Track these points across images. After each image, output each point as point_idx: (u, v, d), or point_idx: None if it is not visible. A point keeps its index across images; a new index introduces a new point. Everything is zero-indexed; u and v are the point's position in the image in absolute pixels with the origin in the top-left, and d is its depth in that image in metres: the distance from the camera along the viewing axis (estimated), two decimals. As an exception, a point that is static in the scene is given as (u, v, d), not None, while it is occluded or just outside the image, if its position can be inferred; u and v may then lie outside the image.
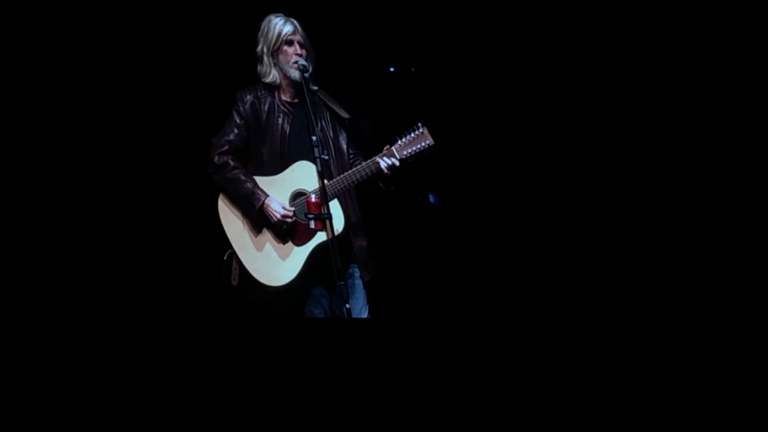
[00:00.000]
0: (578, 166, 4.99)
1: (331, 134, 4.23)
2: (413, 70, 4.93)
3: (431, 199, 5.07)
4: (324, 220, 3.94)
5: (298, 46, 4.17)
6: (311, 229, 4.03)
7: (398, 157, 4.03)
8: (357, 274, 4.16)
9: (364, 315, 4.13)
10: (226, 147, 4.14)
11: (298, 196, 4.11)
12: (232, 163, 4.13)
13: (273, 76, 4.22)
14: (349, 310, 3.91)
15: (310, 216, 4.00)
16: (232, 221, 4.15)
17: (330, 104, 4.23)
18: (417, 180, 5.04)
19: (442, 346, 3.33)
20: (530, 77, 5.05)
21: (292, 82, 4.19)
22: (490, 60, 5.09)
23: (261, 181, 4.12)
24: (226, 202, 4.16)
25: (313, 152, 3.95)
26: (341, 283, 3.89)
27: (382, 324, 3.95)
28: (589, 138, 5.00)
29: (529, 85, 5.05)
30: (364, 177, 4.05)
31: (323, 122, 4.23)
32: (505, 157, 5.10)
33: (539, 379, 3.30)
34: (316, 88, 4.25)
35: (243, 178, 4.10)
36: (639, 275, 4.81)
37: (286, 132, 4.17)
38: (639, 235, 4.88)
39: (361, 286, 4.16)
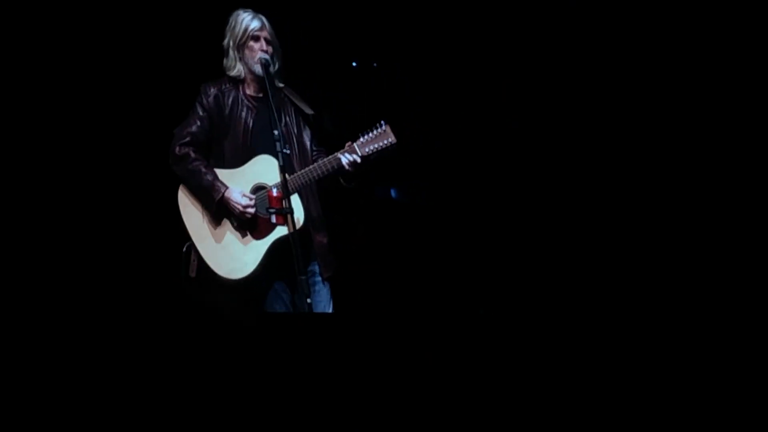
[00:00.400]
0: (543, 159, 5.03)
1: (295, 130, 4.22)
2: (375, 65, 4.94)
3: (392, 194, 5.09)
4: (285, 214, 3.93)
5: (264, 43, 4.15)
6: (271, 223, 4.02)
7: (360, 153, 4.03)
8: (318, 270, 4.16)
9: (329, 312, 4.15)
10: (187, 138, 4.12)
11: (258, 189, 4.10)
12: (193, 154, 4.11)
13: (238, 70, 4.20)
14: (310, 305, 3.92)
15: (272, 210, 3.99)
16: (191, 213, 4.13)
17: (295, 101, 4.22)
18: (378, 175, 5.05)
19: (411, 343, 3.35)
20: (494, 72, 5.07)
21: (257, 77, 4.17)
22: (454, 54, 5.10)
23: (222, 174, 4.10)
24: (186, 193, 4.14)
25: (275, 147, 3.94)
26: (302, 277, 3.90)
27: (344, 318, 3.96)
28: (549, 130, 5.04)
29: (492, 79, 5.08)
30: (326, 173, 4.05)
31: (287, 118, 4.22)
32: (469, 152, 5.13)
33: (506, 374, 3.34)
34: (281, 85, 4.25)
35: (203, 170, 4.08)
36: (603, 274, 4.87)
37: (249, 126, 4.16)
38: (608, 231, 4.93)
39: (323, 283, 4.16)
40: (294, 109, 4.25)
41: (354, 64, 4.98)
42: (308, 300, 3.90)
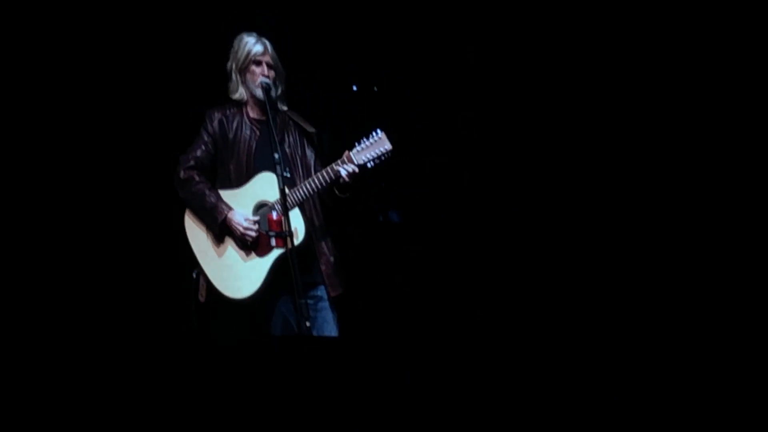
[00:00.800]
0: (542, 187, 5.03)
1: (299, 151, 4.25)
2: (376, 89, 4.95)
3: (393, 217, 5.08)
4: (285, 237, 3.93)
5: (266, 67, 4.20)
6: (271, 245, 4.04)
7: (356, 162, 4.03)
8: (325, 295, 4.16)
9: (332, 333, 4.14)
10: (192, 162, 4.17)
11: (261, 206, 4.13)
12: (197, 177, 4.15)
13: (240, 93, 4.25)
14: (309, 328, 3.91)
15: (271, 234, 4.00)
16: (197, 236, 4.16)
17: (299, 122, 4.25)
18: (379, 198, 5.05)
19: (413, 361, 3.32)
20: (492, 95, 5.08)
21: (259, 101, 4.20)
22: (452, 77, 5.12)
23: (225, 194, 4.14)
24: (192, 217, 4.17)
25: (276, 169, 3.97)
26: (302, 301, 3.90)
27: (347, 341, 3.95)
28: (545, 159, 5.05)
29: (491, 103, 5.08)
30: (324, 184, 4.07)
31: (291, 139, 4.25)
32: (471, 172, 5.12)
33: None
34: (285, 108, 4.28)
35: (207, 192, 4.12)
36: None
37: (252, 148, 4.19)
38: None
39: (330, 308, 4.15)
40: (298, 131, 4.28)
41: (354, 88, 5.00)
42: (307, 323, 3.89)
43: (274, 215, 4.01)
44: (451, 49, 5.15)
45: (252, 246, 4.09)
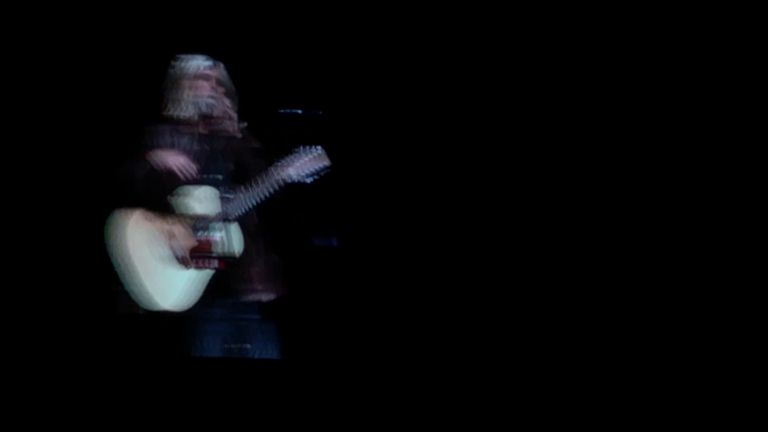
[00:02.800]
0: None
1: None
2: (320, 113, 4.96)
3: (334, 242, 5.08)
4: (220, 258, 3.95)
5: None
6: (214, 267, 4.02)
7: (282, 175, 4.01)
8: (256, 309, 4.12)
9: (273, 355, 4.12)
10: None
11: (199, 220, 4.10)
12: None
13: None
14: (245, 349, 3.90)
15: (206, 254, 3.98)
16: (135, 244, 4.11)
17: (246, 137, 4.24)
18: (319, 222, 5.05)
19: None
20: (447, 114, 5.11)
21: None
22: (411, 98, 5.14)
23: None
24: (135, 224, 4.12)
25: (218, 190, 4.00)
26: (240, 320, 3.90)
27: (289, 364, 3.92)
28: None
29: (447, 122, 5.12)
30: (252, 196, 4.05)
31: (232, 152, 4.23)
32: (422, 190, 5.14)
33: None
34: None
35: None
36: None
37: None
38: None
39: (263, 327, 4.13)
40: (242, 144, 4.24)
41: (299, 111, 4.99)
42: (247, 345, 3.89)
43: (209, 236, 3.97)
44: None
45: (191, 258, 4.06)
